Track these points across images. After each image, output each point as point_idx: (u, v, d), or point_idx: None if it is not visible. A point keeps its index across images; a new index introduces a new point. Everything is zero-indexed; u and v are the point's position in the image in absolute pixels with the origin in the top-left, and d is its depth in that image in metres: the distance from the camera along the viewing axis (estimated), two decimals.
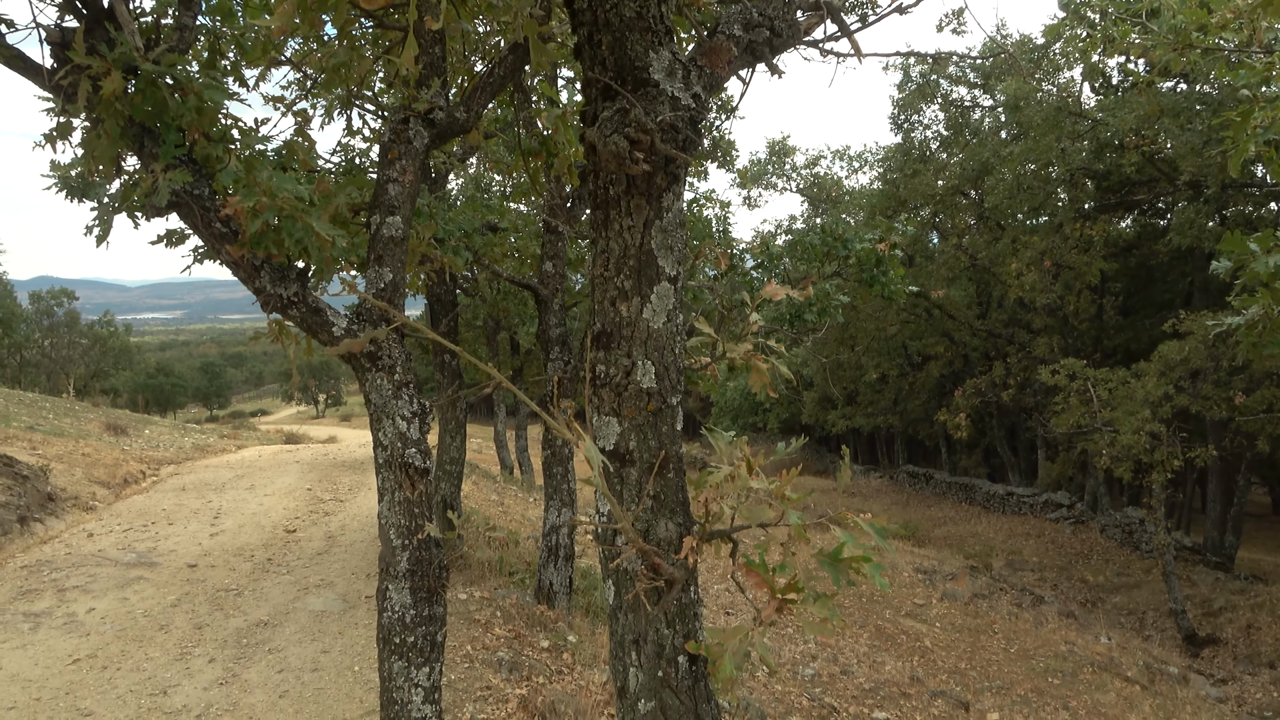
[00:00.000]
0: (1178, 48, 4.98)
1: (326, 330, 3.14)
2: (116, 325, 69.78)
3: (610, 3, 2.01)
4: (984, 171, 28.94)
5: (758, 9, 2.27)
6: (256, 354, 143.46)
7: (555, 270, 10.09)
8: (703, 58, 2.19)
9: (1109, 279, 31.14)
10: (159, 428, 28.30)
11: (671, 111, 2.03)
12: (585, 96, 2.15)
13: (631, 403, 2.17)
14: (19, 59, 3.04)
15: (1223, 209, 24.66)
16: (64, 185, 5.07)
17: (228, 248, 2.99)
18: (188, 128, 2.98)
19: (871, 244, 10.88)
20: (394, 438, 3.20)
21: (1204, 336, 19.72)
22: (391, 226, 3.35)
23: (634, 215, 2.11)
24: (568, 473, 10.30)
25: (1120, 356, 29.72)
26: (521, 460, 26.52)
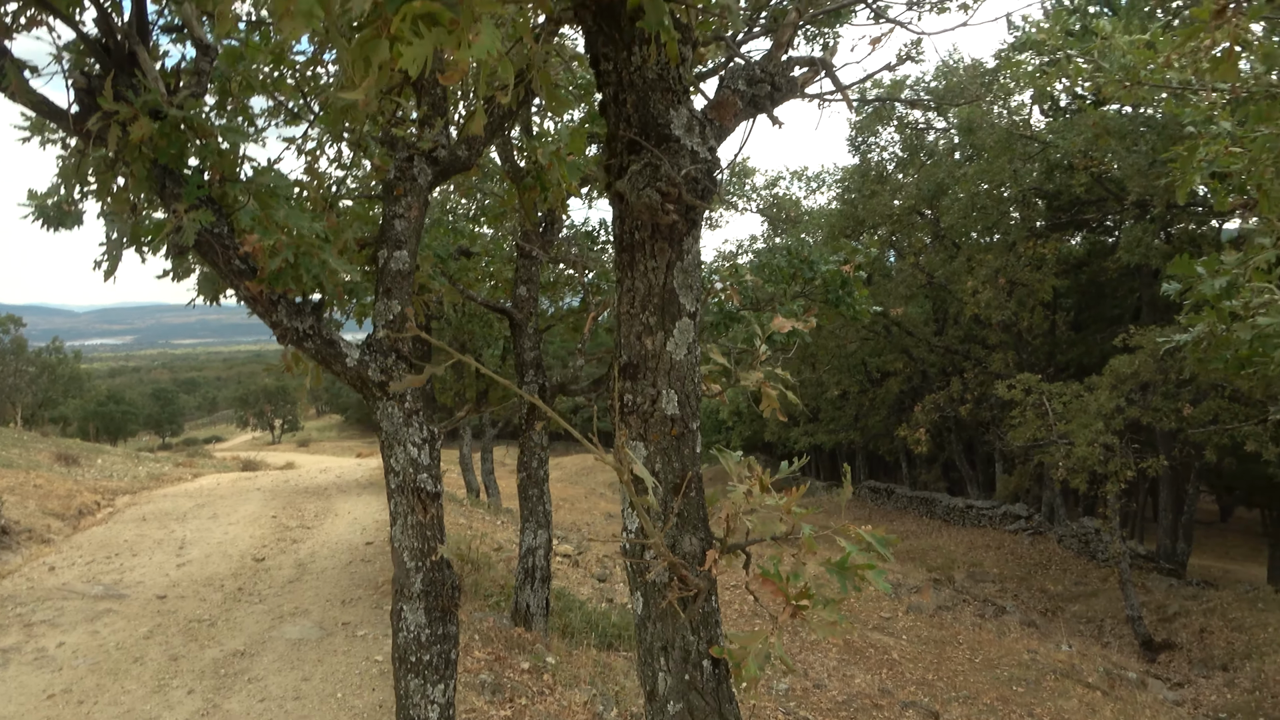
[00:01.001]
0: (1127, 84, 5.31)
1: (340, 361, 3.28)
2: (65, 352, 68.20)
3: (634, 66, 2.21)
4: (939, 192, 29.68)
5: (759, 66, 2.48)
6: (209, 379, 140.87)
7: (529, 294, 10.25)
8: (712, 111, 2.40)
9: (1061, 295, 32.01)
10: (111, 457, 27.77)
11: (692, 164, 2.24)
12: (609, 150, 2.34)
13: (657, 428, 2.35)
14: (44, 104, 3.16)
15: (1168, 227, 25.55)
16: (40, 215, 5.15)
17: (246, 284, 3.13)
18: (209, 169, 3.12)
19: (836, 265, 11.19)
20: (406, 463, 3.34)
21: (1153, 351, 20.38)
22: (399, 260, 3.50)
23: (657, 258, 2.31)
24: (543, 494, 10.41)
25: (1073, 371, 30.52)
26: (488, 483, 26.47)
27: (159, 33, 3.62)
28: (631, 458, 2.03)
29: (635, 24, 2.15)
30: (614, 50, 2.22)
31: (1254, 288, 4.31)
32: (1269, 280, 4.89)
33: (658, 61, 2.19)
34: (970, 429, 37.00)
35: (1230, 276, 4.76)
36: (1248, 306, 4.52)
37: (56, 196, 5.16)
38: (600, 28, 2.20)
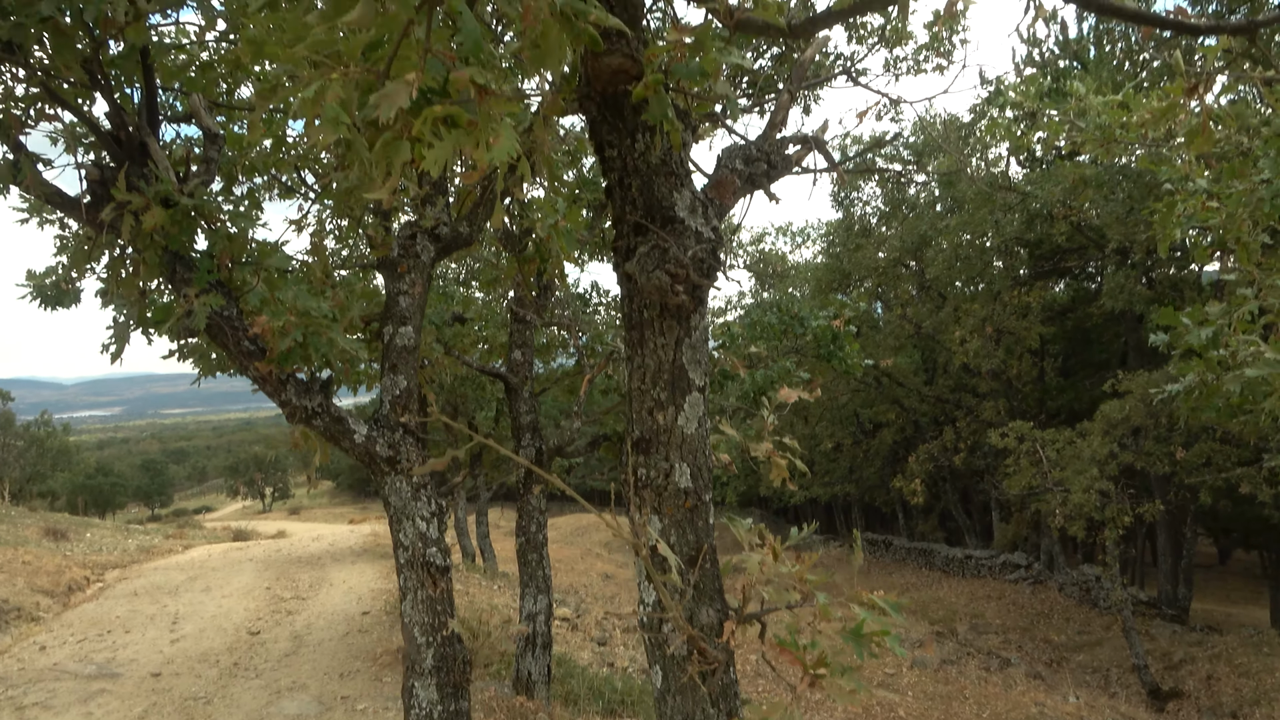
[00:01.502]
0: (1104, 143, 5.49)
1: (348, 437, 3.31)
2: (54, 425, 67.74)
3: (638, 152, 2.30)
4: (923, 243, 30.11)
5: (755, 145, 2.59)
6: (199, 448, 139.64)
7: (524, 358, 10.31)
8: (712, 190, 2.50)
9: (1048, 342, 32.30)
10: (100, 530, 27.44)
11: (697, 244, 2.32)
12: (617, 231, 2.43)
13: (671, 501, 2.39)
14: (57, 195, 3.23)
15: (1150, 273, 25.92)
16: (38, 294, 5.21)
17: (255, 364, 3.18)
18: (218, 254, 3.19)
19: (826, 321, 11.31)
20: (414, 538, 3.36)
21: (1143, 395, 20.52)
22: (404, 336, 3.56)
23: (666, 335, 2.37)
24: (542, 559, 10.33)
25: (1064, 417, 30.64)
26: (484, 547, 26.22)
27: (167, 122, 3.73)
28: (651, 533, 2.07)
29: (638, 114, 2.25)
30: (618, 138, 2.31)
31: (1240, 340, 4.41)
32: (1253, 329, 5.00)
33: (661, 148, 2.29)
34: (965, 478, 36.96)
35: (1215, 327, 4.86)
36: (1235, 356, 4.61)
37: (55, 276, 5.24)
38: (604, 117, 2.29)
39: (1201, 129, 3.43)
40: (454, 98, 1.62)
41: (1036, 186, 25.67)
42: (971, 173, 27.32)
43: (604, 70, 2.11)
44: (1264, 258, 4.85)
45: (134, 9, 2.92)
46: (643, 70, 2.11)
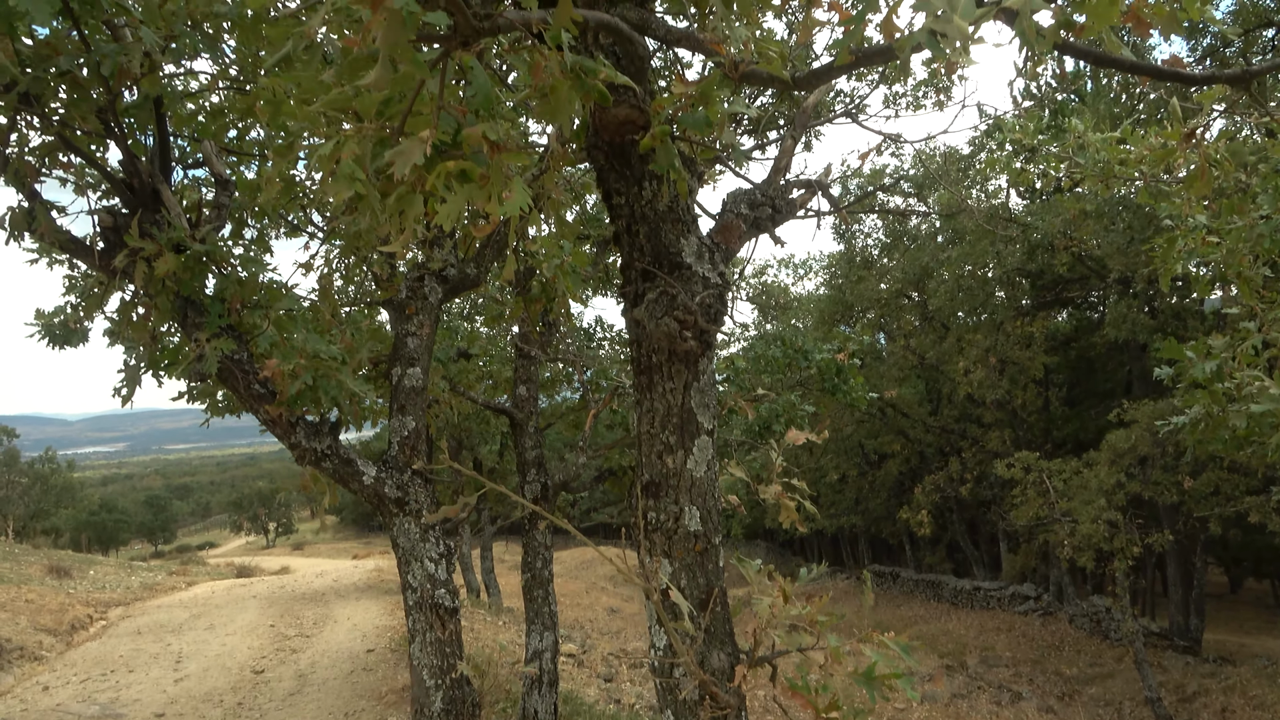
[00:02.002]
0: (1103, 178, 5.54)
1: (357, 479, 3.33)
2: (58, 462, 67.71)
3: (645, 200, 2.34)
4: (925, 275, 30.19)
5: (759, 190, 2.63)
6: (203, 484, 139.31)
7: (529, 394, 10.33)
8: (718, 235, 2.53)
9: (1052, 372, 32.26)
10: (104, 567, 27.35)
11: (704, 290, 2.35)
12: (625, 277, 2.46)
13: (681, 544, 2.40)
14: (71, 242, 3.28)
15: (1152, 302, 25.96)
16: (47, 333, 5.26)
17: (266, 407, 3.20)
18: (229, 298, 3.23)
19: (831, 354, 11.34)
20: (423, 579, 3.36)
21: (1149, 424, 20.46)
22: (412, 377, 3.59)
23: (675, 379, 2.40)
24: (548, 595, 10.28)
25: (1070, 446, 30.53)
26: (488, 582, 26.07)
27: (178, 167, 3.79)
28: (663, 578, 2.08)
29: (645, 162, 2.28)
30: (625, 186, 2.35)
31: (1245, 374, 4.42)
32: (1257, 362, 5.01)
33: (668, 196, 2.32)
34: (972, 509, 36.75)
35: (1219, 360, 4.88)
36: (1240, 389, 4.62)
37: (63, 316, 5.28)
38: (612, 166, 2.33)
39: (1200, 174, 3.48)
40: (466, 152, 1.66)
41: (1037, 218, 25.81)
42: (972, 205, 27.48)
43: (611, 121, 2.15)
44: (1265, 291, 4.87)
45: (149, 61, 2.98)
46: (649, 120, 2.15)
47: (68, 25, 2.89)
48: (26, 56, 2.86)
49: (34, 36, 3.09)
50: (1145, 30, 1.67)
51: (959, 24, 1.37)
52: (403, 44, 1.42)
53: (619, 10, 2.16)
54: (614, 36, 2.04)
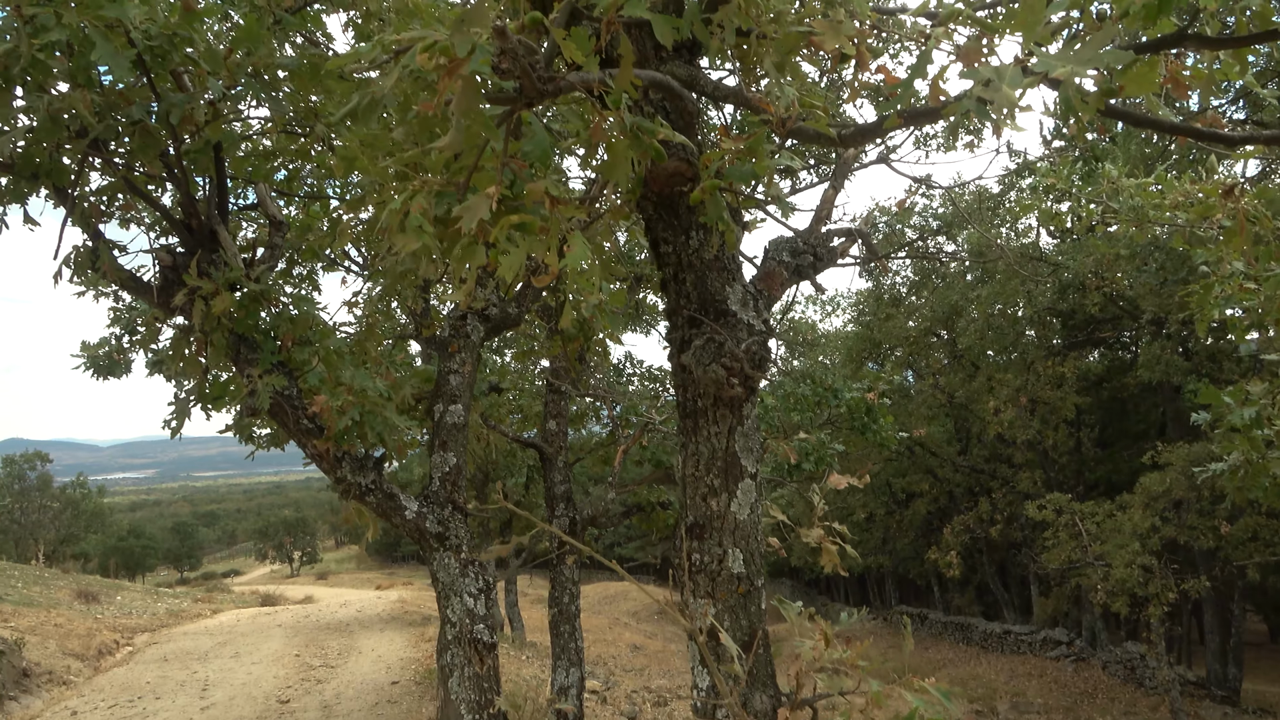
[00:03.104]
0: (1137, 223, 5.56)
1: (400, 514, 3.40)
2: (89, 487, 68.56)
3: (692, 249, 2.42)
4: (954, 313, 30.05)
5: (801, 238, 2.70)
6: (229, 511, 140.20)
7: (559, 428, 10.40)
8: (761, 283, 2.60)
9: (1083, 412, 31.85)
10: (131, 593, 27.60)
11: (749, 337, 2.41)
12: (671, 323, 2.53)
13: (724, 587, 2.44)
14: (131, 280, 3.41)
15: (1186, 343, 25.66)
16: (92, 364, 5.39)
17: (314, 442, 3.28)
18: (282, 336, 3.33)
19: (860, 393, 11.32)
20: (462, 614, 3.41)
21: (1184, 468, 20.14)
22: (454, 414, 3.67)
23: (720, 424, 2.46)
24: (575, 630, 10.26)
25: (1103, 489, 30.06)
26: (512, 615, 25.99)
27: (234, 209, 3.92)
28: (710, 619, 2.12)
29: (693, 213, 2.36)
30: (673, 235, 2.43)
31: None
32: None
33: (714, 245, 2.40)
34: (1002, 550, 36.20)
35: (1258, 406, 4.85)
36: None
37: (108, 347, 5.43)
38: (660, 216, 2.41)
39: (1239, 229, 3.50)
40: (527, 205, 1.73)
41: (1068, 258, 25.66)
42: (1003, 245, 27.39)
43: (661, 173, 2.23)
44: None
45: (213, 109, 3.12)
46: (697, 173, 2.23)
47: (138, 75, 3.03)
48: (101, 106, 3.00)
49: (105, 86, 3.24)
50: (1184, 93, 1.72)
51: (1007, 93, 1.43)
52: (475, 108, 1.51)
53: (669, 67, 2.25)
54: (665, 93, 2.13)
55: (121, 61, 2.59)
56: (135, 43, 2.76)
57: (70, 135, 3.07)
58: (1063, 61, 1.40)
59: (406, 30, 1.64)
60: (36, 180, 3.24)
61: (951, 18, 1.67)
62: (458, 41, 1.43)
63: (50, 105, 2.80)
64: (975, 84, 1.49)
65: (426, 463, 13.01)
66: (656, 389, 14.20)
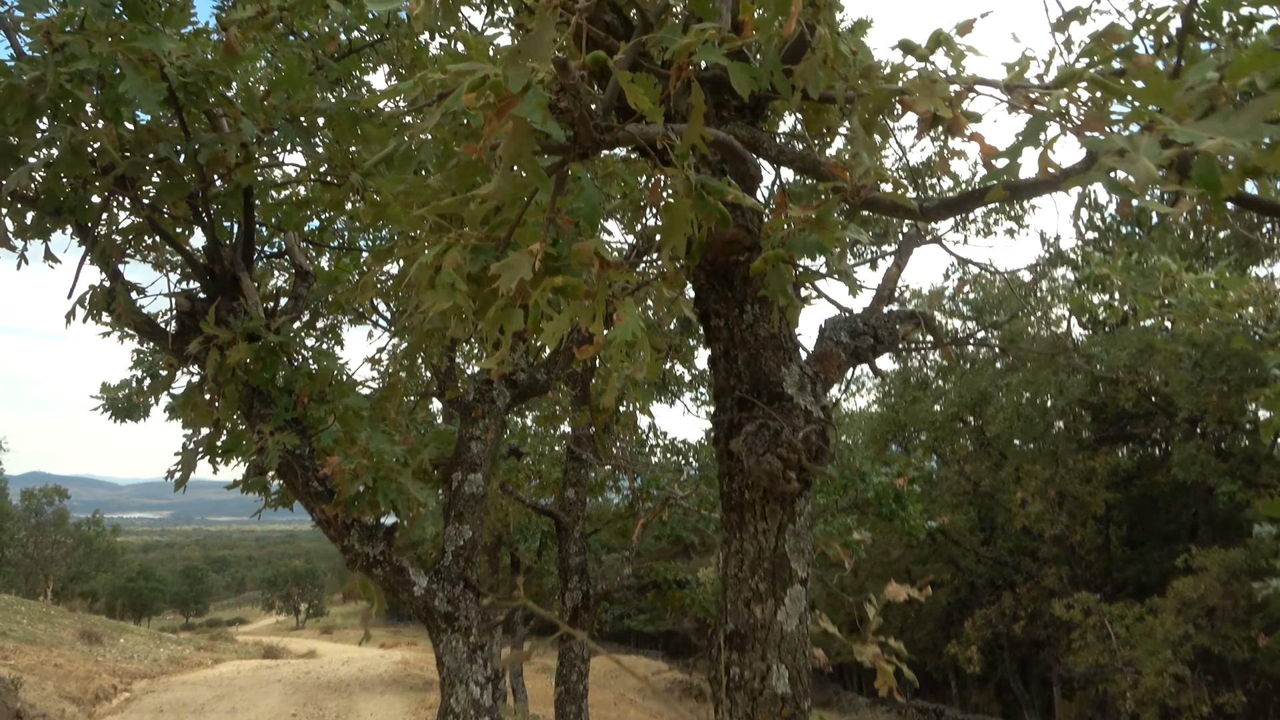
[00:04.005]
0: (1196, 320, 5.32)
1: (408, 589, 3.16)
2: (105, 525, 68.58)
3: (746, 324, 2.22)
4: (982, 400, 29.59)
5: (861, 319, 2.49)
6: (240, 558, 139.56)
7: (577, 497, 10.13)
8: (816, 364, 2.38)
9: (1112, 509, 31.05)
10: (134, 636, 27.24)
11: (806, 424, 2.19)
12: (719, 404, 2.32)
13: (765, 709, 2.18)
14: (147, 324, 3.26)
15: (1220, 444, 25.06)
16: (110, 406, 5.22)
17: (322, 506, 3.07)
18: (298, 391, 3.15)
19: (889, 478, 10.98)
20: (467, 704, 3.14)
21: (1218, 573, 19.46)
22: (473, 484, 3.45)
23: (769, 520, 2.22)
24: (581, 712, 9.84)
25: (1131, 590, 29.11)
26: (516, 686, 25.26)
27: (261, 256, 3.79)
28: None
29: (748, 285, 2.17)
30: (726, 309, 2.24)
31: None
32: None
33: (772, 322, 2.20)
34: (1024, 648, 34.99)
35: None
36: None
37: (128, 390, 5.26)
38: (713, 287, 2.22)
39: None
40: (574, 267, 1.55)
41: (1101, 350, 25.28)
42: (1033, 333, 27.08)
43: (717, 240, 2.05)
44: None
45: (245, 151, 3.00)
46: (756, 241, 2.04)
47: (169, 112, 2.92)
48: (128, 141, 2.89)
49: (136, 122, 3.14)
50: None
51: (1146, 165, 1.23)
52: (526, 154, 1.33)
53: (731, 128, 2.08)
54: (726, 155, 1.96)
55: (152, 95, 2.47)
56: (169, 78, 2.65)
57: (96, 171, 2.95)
58: (1212, 132, 1.21)
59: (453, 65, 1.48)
60: (60, 216, 3.12)
61: (1071, 80, 1.49)
62: (512, 75, 1.26)
63: (73, 137, 2.68)
64: (1104, 154, 1.30)
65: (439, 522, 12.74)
66: (679, 461, 13.91)
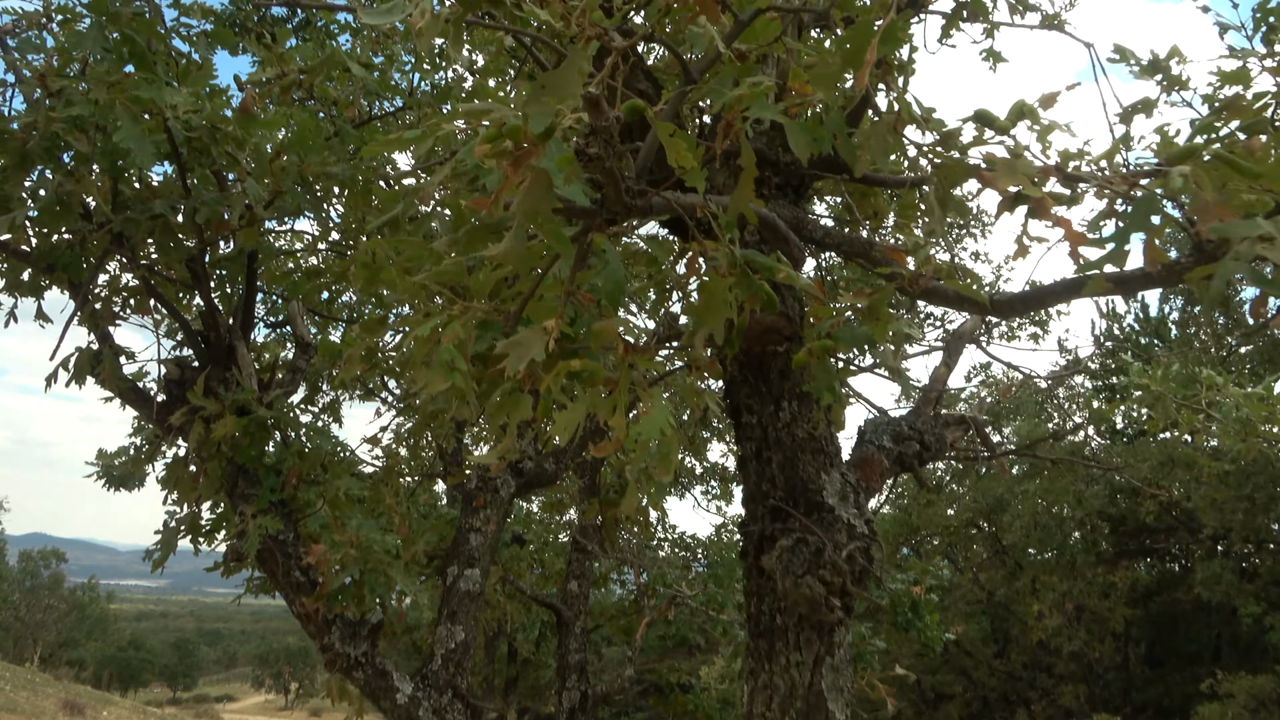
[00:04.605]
0: (1244, 436, 5.06)
1: (389, 696, 2.86)
2: (99, 591, 67.55)
3: (783, 423, 1.98)
4: (998, 506, 28.94)
5: (906, 422, 2.25)
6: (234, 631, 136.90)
7: (580, 590, 9.72)
8: (856, 471, 2.14)
9: (1131, 625, 30.00)
10: (118, 709, 26.44)
11: (850, 541, 1.94)
12: (748, 511, 2.07)
13: None
14: (132, 391, 3.06)
15: (1243, 563, 24.30)
16: (105, 474, 4.99)
17: (302, 599, 2.80)
18: (286, 471, 2.92)
19: (905, 585, 10.53)
20: None
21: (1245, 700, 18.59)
22: (469, 580, 3.18)
23: (803, 650, 1.94)
24: None
25: (1152, 712, 27.88)
26: None
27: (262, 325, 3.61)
28: None
29: (785, 379, 1.95)
30: (760, 404, 2.00)
31: None
32: None
33: (811, 421, 1.96)
34: None
35: None
36: None
37: (125, 457, 5.03)
38: (746, 379, 2.00)
39: None
40: (594, 349, 1.33)
41: (1121, 460, 24.76)
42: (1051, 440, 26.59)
43: (755, 327, 1.83)
44: None
45: (250, 214, 2.85)
46: (795, 330, 1.83)
47: (172, 166, 2.78)
48: (126, 198, 2.75)
49: (142, 177, 3.01)
50: None
51: None
52: (545, 212, 1.13)
53: (773, 206, 1.90)
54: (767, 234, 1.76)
55: (147, 147, 2.32)
56: (173, 132, 2.51)
57: (93, 227, 2.80)
58: None
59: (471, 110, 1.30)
60: (53, 272, 2.96)
61: (1190, 158, 1.29)
62: (533, 114, 1.07)
63: (60, 187, 2.53)
64: (1244, 242, 1.09)
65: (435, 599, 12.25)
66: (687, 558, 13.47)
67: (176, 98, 2.44)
